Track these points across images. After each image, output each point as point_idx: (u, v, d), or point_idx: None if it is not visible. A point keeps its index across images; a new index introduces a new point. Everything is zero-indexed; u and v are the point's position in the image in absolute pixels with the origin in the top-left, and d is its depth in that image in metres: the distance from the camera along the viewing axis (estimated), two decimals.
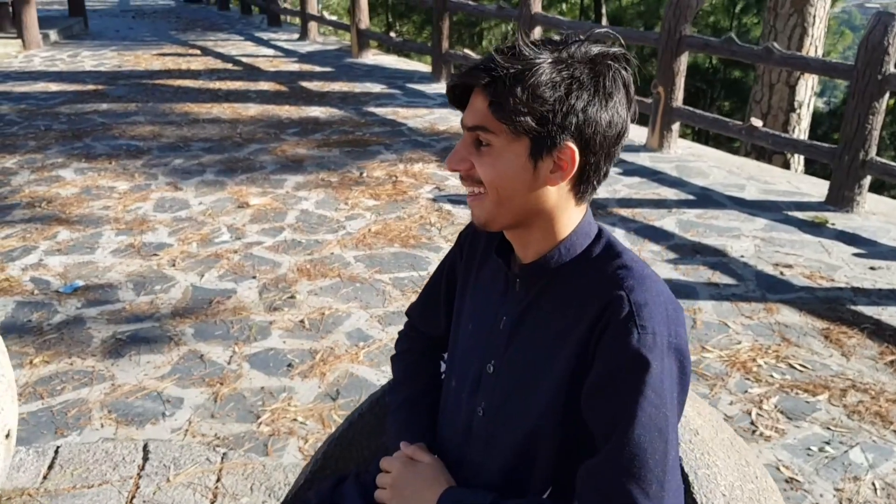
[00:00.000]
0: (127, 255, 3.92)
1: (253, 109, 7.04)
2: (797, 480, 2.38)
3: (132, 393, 2.77)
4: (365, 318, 3.32)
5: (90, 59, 9.59)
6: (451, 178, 5.06)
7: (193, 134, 6.18)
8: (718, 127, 5.57)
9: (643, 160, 5.55)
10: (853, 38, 15.30)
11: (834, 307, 3.43)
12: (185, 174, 5.19)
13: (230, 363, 2.97)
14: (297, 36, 11.33)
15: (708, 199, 4.80)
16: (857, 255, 3.99)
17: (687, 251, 4.01)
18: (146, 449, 2.32)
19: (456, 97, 1.09)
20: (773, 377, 2.89)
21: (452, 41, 8.67)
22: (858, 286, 3.62)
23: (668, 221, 4.42)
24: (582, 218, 1.11)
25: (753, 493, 1.16)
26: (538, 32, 6.84)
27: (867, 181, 4.59)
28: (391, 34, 10.45)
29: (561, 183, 1.05)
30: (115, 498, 2.11)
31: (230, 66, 9.23)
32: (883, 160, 4.49)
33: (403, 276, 3.71)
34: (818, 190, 4.93)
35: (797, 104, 7.48)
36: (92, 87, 7.89)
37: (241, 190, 4.89)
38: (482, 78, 1.01)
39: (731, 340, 3.15)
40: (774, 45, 5.01)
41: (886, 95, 4.41)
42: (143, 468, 2.23)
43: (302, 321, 3.29)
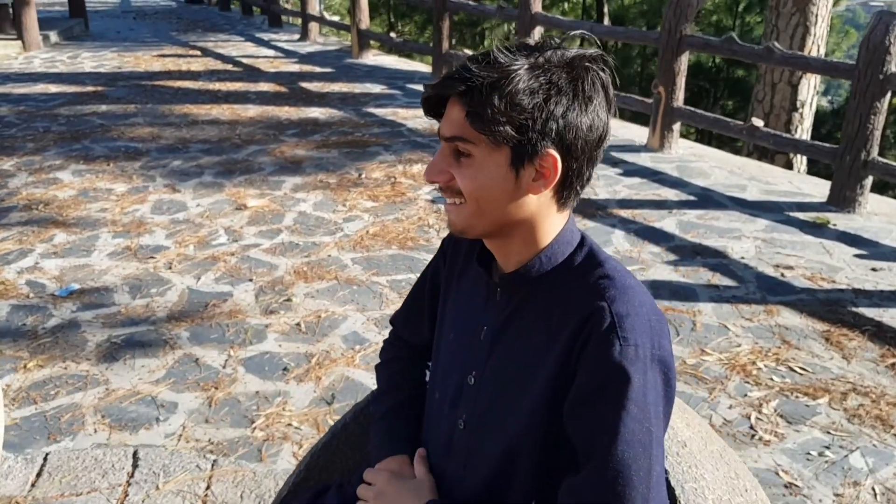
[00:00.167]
0: (123, 257, 3.90)
1: (252, 111, 7.02)
2: (796, 485, 2.35)
3: (126, 397, 2.75)
4: (361, 321, 3.30)
5: (90, 60, 9.58)
6: None
7: (192, 135, 6.16)
8: (719, 127, 5.53)
9: (644, 160, 5.51)
10: (857, 36, 15.24)
11: (835, 309, 3.39)
12: (183, 176, 5.18)
13: (225, 367, 2.95)
14: (297, 37, 11.31)
15: (709, 199, 4.77)
16: (858, 256, 3.95)
17: (687, 252, 3.98)
18: (136, 456, 2.30)
19: (431, 107, 1.06)
20: (772, 380, 2.86)
21: (453, 41, 8.65)
22: (860, 288, 3.59)
23: (668, 222, 4.38)
24: (564, 225, 1.08)
25: None
26: (538, 32, 6.80)
27: (869, 181, 4.55)
28: (392, 34, 10.43)
29: (544, 191, 1.03)
30: None
31: (230, 67, 9.22)
32: (885, 160, 4.45)
33: (401, 278, 3.68)
34: (820, 190, 4.89)
35: (799, 103, 7.44)
36: (91, 88, 7.88)
37: (239, 192, 4.87)
38: (458, 87, 0.98)
39: (730, 343, 3.12)
40: (775, 44, 4.97)
41: (888, 95, 4.38)
42: (132, 475, 2.21)
43: (298, 324, 3.26)
